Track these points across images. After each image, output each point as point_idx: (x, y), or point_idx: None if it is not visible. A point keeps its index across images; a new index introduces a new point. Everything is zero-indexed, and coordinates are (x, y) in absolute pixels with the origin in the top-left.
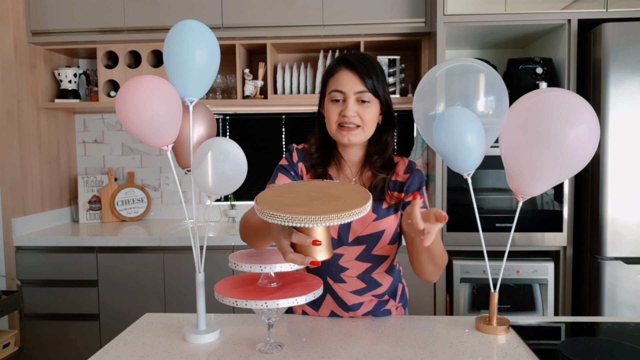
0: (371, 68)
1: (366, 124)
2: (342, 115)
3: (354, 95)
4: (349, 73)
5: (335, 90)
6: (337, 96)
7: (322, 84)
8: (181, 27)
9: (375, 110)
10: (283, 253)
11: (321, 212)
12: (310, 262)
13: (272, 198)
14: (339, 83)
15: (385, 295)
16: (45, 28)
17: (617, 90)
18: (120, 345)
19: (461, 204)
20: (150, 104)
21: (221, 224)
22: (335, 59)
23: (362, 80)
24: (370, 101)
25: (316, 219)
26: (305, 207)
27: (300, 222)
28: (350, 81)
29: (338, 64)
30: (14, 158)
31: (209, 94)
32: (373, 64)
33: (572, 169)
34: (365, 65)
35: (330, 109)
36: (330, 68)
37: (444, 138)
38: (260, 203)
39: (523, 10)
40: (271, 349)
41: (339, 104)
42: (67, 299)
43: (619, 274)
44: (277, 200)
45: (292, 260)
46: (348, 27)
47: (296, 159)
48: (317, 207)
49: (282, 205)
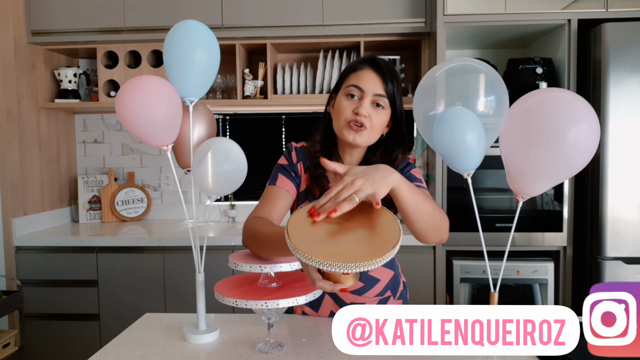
0: (395, 76)
1: (374, 128)
2: (354, 112)
3: (371, 96)
4: (373, 73)
5: (355, 86)
6: (354, 92)
7: (341, 78)
8: (181, 27)
9: (386, 119)
10: (312, 280)
11: (352, 256)
12: (340, 290)
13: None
14: (360, 80)
15: (386, 291)
16: (45, 28)
17: (617, 90)
18: (120, 345)
19: (461, 204)
20: (150, 104)
21: (221, 224)
22: (361, 58)
23: (384, 84)
24: (384, 107)
25: (346, 266)
26: (338, 246)
27: (331, 267)
28: (372, 81)
29: (363, 62)
30: (14, 158)
31: (209, 94)
32: (396, 73)
33: (572, 169)
34: (390, 70)
35: (343, 103)
36: (354, 64)
37: (444, 138)
38: (292, 235)
39: (523, 10)
40: (271, 349)
41: (353, 100)
42: (67, 299)
43: (619, 274)
44: (310, 232)
45: (321, 288)
46: (348, 27)
47: (295, 159)
48: (349, 247)
49: (315, 241)
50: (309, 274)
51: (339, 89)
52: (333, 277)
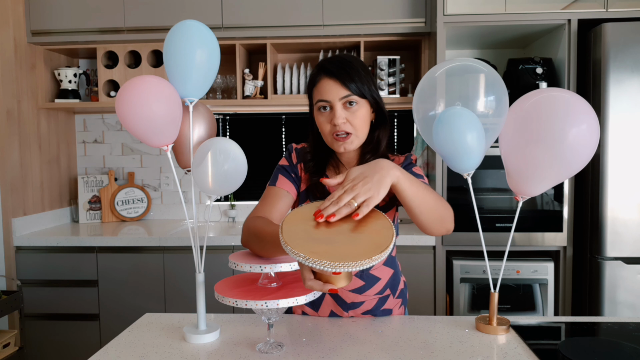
0: (352, 70)
1: (357, 129)
2: (332, 124)
3: (339, 102)
4: (330, 80)
5: (321, 100)
6: (323, 105)
7: (308, 95)
8: (181, 27)
9: (365, 111)
10: (303, 279)
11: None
12: (330, 290)
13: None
14: (322, 92)
15: (386, 289)
16: (45, 28)
17: (617, 90)
18: (120, 345)
19: (461, 204)
20: (150, 104)
21: (221, 224)
22: (315, 67)
23: (345, 85)
24: (357, 103)
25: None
26: (329, 244)
27: (320, 265)
28: (332, 89)
29: (318, 73)
30: (14, 158)
31: (209, 94)
32: (353, 65)
33: (572, 169)
34: (345, 68)
35: (320, 120)
36: (311, 78)
37: (444, 138)
38: (285, 230)
39: (523, 10)
40: (271, 349)
41: (327, 112)
42: (67, 299)
43: (619, 274)
44: (304, 230)
45: (311, 287)
46: (348, 27)
47: (295, 160)
48: (339, 247)
49: (306, 238)
50: (302, 272)
51: (312, 103)
52: (324, 277)
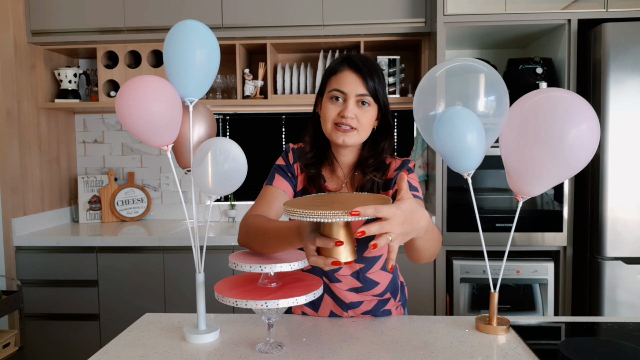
0: (374, 71)
1: (363, 127)
2: (340, 115)
3: (355, 97)
4: (353, 74)
5: (337, 90)
6: (337, 95)
7: (323, 82)
8: (181, 27)
9: (373, 114)
10: (308, 257)
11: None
12: (332, 262)
13: (298, 202)
14: (341, 83)
15: (386, 293)
16: (45, 28)
17: (617, 90)
18: (120, 345)
19: (461, 204)
20: (150, 104)
21: (221, 224)
22: (339, 58)
23: (365, 83)
24: (369, 104)
25: (332, 214)
26: (327, 208)
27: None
28: (353, 82)
29: (342, 64)
30: (14, 158)
31: (209, 94)
32: (376, 67)
33: (572, 169)
34: (368, 67)
35: (328, 107)
36: (333, 67)
37: (444, 138)
38: (287, 204)
39: (523, 10)
40: (271, 349)
41: (338, 103)
42: (67, 299)
43: (619, 274)
44: (303, 204)
45: (314, 263)
46: (348, 27)
47: (292, 159)
48: (338, 208)
49: (307, 205)
50: (307, 251)
51: (323, 91)
52: (327, 252)
